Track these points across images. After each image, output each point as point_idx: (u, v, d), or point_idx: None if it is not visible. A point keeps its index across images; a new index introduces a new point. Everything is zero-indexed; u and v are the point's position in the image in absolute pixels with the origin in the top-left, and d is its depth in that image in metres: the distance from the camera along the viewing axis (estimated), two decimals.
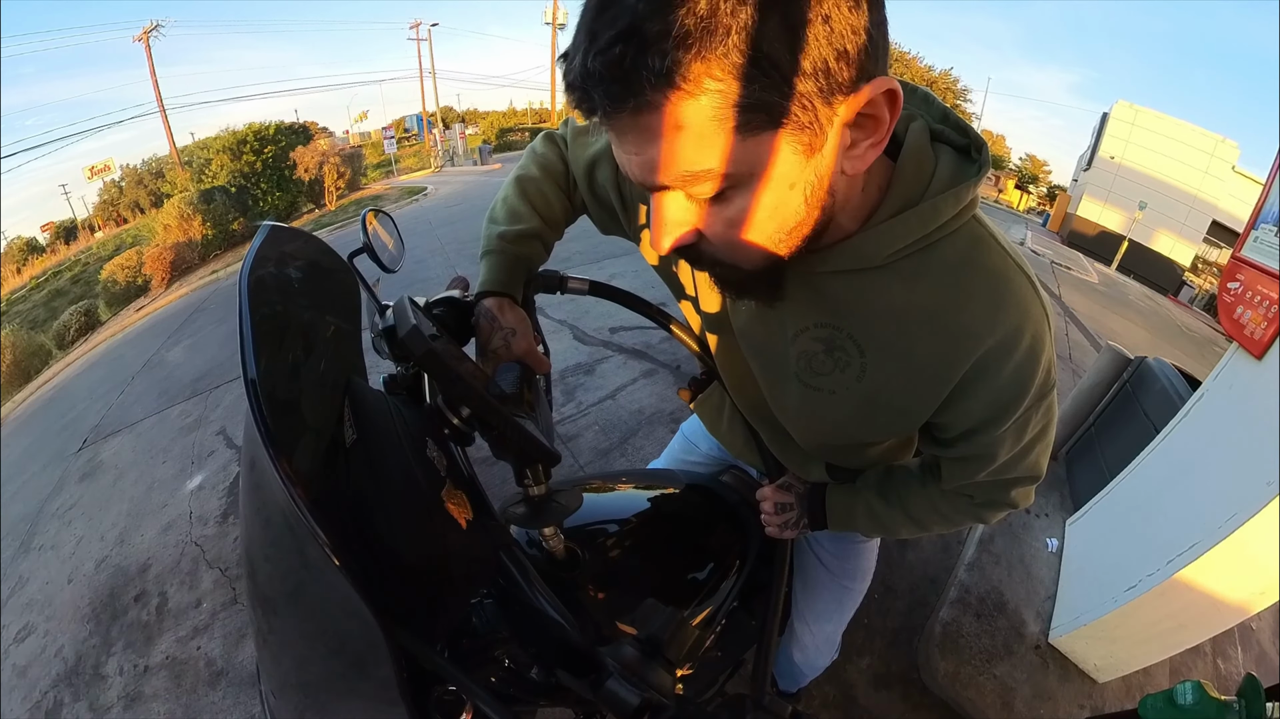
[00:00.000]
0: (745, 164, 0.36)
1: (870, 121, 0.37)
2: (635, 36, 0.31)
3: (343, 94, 63.76)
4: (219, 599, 1.93)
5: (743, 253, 0.43)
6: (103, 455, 3.48)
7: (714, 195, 0.38)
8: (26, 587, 2.41)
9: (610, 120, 0.35)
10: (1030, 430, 0.53)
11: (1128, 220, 15.35)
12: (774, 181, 0.37)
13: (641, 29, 0.30)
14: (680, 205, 0.40)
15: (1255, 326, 1.28)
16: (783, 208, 0.39)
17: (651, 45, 0.30)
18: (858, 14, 0.33)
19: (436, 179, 17.65)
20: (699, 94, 0.32)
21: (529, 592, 0.52)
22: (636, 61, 0.31)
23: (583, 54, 0.32)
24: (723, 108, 0.33)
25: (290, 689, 0.45)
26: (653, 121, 0.34)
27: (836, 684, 1.45)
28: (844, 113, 0.36)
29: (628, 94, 0.32)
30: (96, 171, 21.83)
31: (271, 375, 0.35)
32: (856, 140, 0.38)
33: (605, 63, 0.31)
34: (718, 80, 0.32)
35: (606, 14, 0.32)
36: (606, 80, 0.32)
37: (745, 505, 0.82)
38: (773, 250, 0.42)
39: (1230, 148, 15.15)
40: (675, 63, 0.31)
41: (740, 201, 0.38)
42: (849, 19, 0.32)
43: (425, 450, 0.49)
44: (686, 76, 0.31)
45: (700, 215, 0.41)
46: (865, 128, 0.38)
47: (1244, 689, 0.73)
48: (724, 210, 0.39)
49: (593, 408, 2.63)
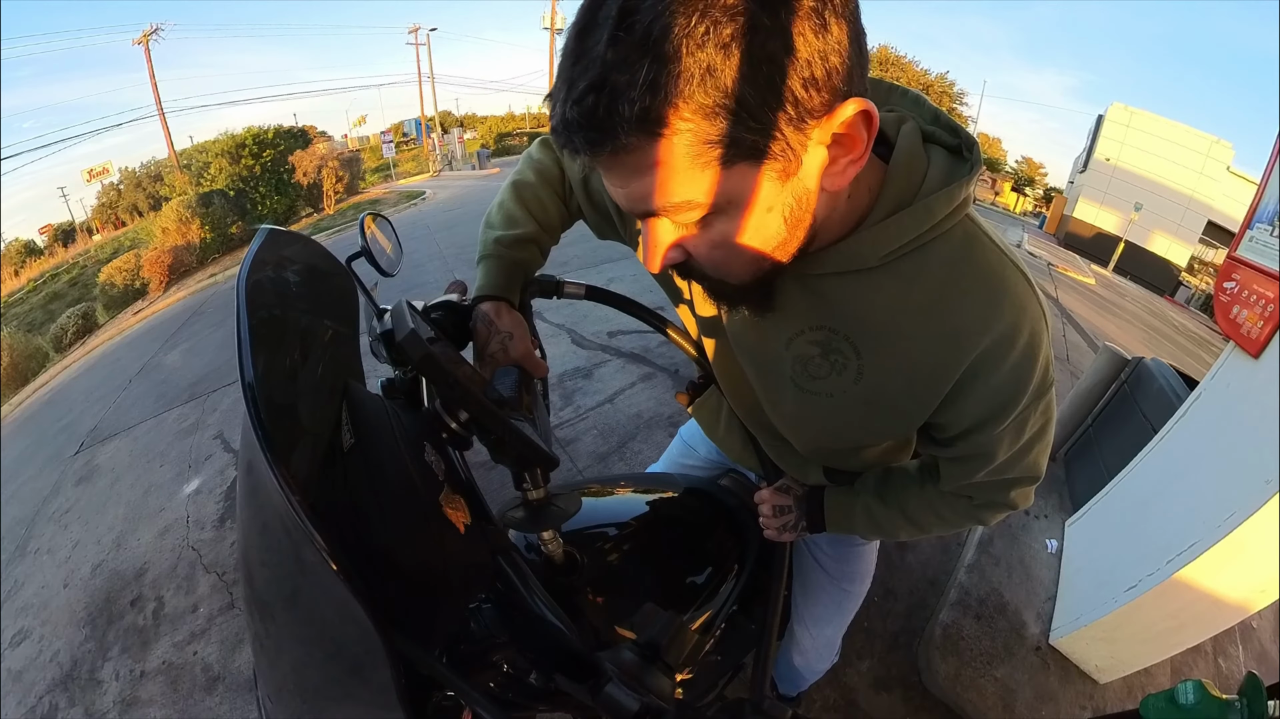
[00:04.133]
0: (723, 195, 0.38)
1: (847, 140, 0.38)
2: (605, 86, 0.32)
3: (341, 98, 63.72)
4: (216, 604, 1.92)
5: (728, 270, 0.45)
6: (99, 459, 3.46)
7: (697, 221, 0.40)
8: (22, 590, 2.39)
9: (593, 161, 0.37)
10: (1029, 430, 0.52)
11: (1124, 222, 15.42)
12: (752, 207, 0.39)
13: (610, 79, 0.32)
14: (667, 229, 0.42)
15: (1251, 326, 1.28)
16: (763, 229, 0.41)
17: (621, 94, 0.32)
18: (824, 38, 0.33)
19: (435, 183, 17.66)
20: (672, 135, 0.34)
21: (527, 596, 0.52)
22: (609, 110, 0.32)
23: (561, 102, 0.34)
24: (696, 145, 0.34)
25: (287, 694, 0.45)
26: (632, 161, 0.36)
27: (837, 688, 1.44)
28: (819, 135, 0.37)
29: (605, 139, 0.34)
30: (95, 174, 21.81)
31: (269, 379, 0.35)
32: (835, 158, 0.39)
33: (581, 112, 0.33)
34: (688, 121, 0.33)
35: (579, 64, 0.33)
36: (584, 127, 0.34)
37: (744, 509, 0.82)
38: (757, 267, 0.44)
39: (1225, 148, 15.25)
40: (645, 109, 0.32)
41: (722, 226, 0.40)
42: (815, 45, 0.33)
43: (423, 455, 0.48)
44: (659, 120, 0.33)
45: (686, 237, 0.43)
46: (843, 145, 0.38)
47: (1245, 688, 0.73)
48: (707, 234, 0.41)
49: (591, 412, 2.63)
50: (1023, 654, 1.54)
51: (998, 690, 1.44)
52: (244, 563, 0.43)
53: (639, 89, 0.32)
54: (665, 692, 0.44)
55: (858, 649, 1.53)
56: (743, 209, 0.39)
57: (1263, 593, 1.19)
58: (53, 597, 2.26)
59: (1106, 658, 1.48)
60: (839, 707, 1.42)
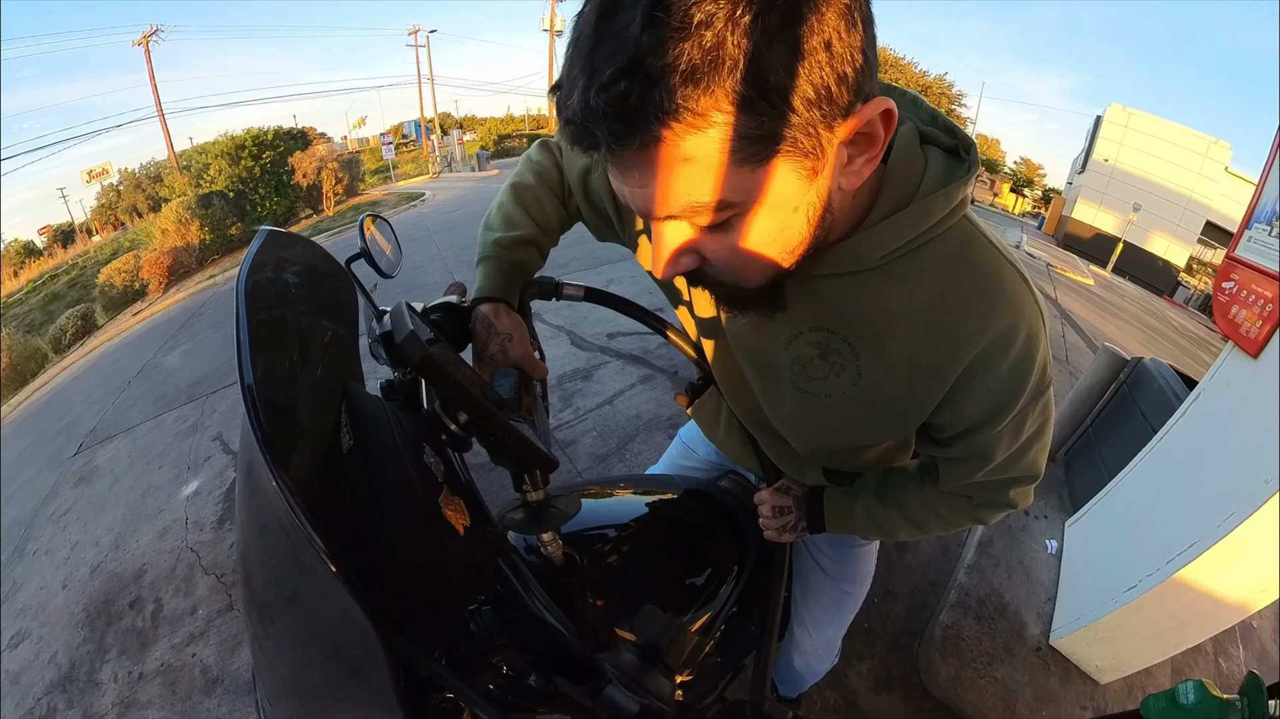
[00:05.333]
0: (750, 193, 0.36)
1: (866, 139, 0.38)
2: (640, 71, 0.29)
3: (341, 100, 63.88)
4: (215, 606, 1.92)
5: (745, 274, 0.43)
6: (98, 460, 3.46)
7: (718, 223, 0.38)
8: (20, 592, 2.38)
9: (614, 156, 0.34)
10: (1027, 429, 0.53)
11: (1122, 222, 15.44)
12: (779, 207, 0.37)
13: (645, 63, 0.29)
14: (682, 233, 0.39)
15: (1250, 325, 1.28)
16: (787, 230, 0.39)
17: (657, 80, 0.29)
18: (854, 35, 0.33)
19: (434, 185, 17.65)
20: (705, 128, 0.31)
21: (527, 598, 0.52)
22: (642, 97, 0.30)
23: (582, 90, 0.31)
24: (728, 140, 0.32)
25: (286, 696, 0.45)
26: (658, 156, 0.33)
27: (837, 689, 1.44)
28: (842, 133, 0.36)
29: (633, 131, 0.31)
30: (94, 175, 21.79)
31: (268, 380, 0.35)
32: (853, 157, 0.39)
33: (609, 99, 0.30)
34: (724, 113, 0.31)
35: (605, 47, 0.30)
36: (610, 117, 0.31)
37: (743, 510, 0.82)
38: (774, 270, 0.43)
39: (1223, 149, 15.28)
40: (682, 98, 0.30)
41: (744, 227, 0.38)
42: (848, 42, 0.32)
43: (423, 456, 0.48)
44: (694, 111, 0.30)
45: (703, 241, 0.40)
46: (861, 145, 0.38)
47: (1246, 687, 0.73)
48: (727, 236, 0.39)
49: (590, 413, 2.63)
50: (1023, 655, 1.54)
51: (998, 691, 1.44)
52: (243, 564, 0.42)
53: (678, 75, 0.29)
54: (665, 693, 0.44)
55: (858, 650, 1.53)
56: (769, 208, 0.37)
57: (1263, 592, 1.19)
58: (51, 598, 2.26)
59: (1107, 658, 1.48)
60: (839, 708, 1.41)
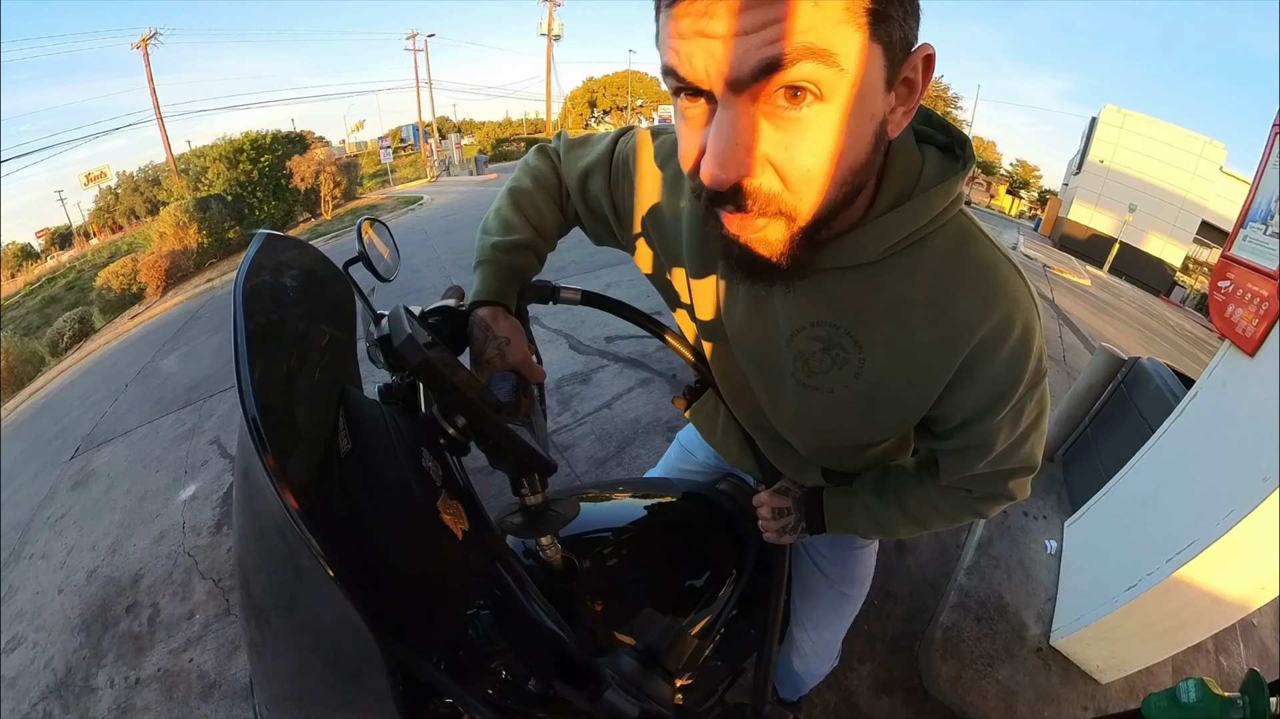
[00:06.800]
0: (855, 66, 0.34)
1: (906, 88, 0.39)
2: None
3: (339, 104, 63.99)
4: (212, 610, 1.91)
5: (803, 190, 0.38)
6: (95, 464, 3.45)
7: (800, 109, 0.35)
8: (16, 596, 2.37)
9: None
10: (1025, 419, 0.53)
11: (1118, 223, 15.51)
12: (864, 100, 0.36)
13: None
14: (752, 125, 0.36)
15: (1247, 324, 1.29)
16: (858, 142, 0.38)
17: None
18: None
19: (432, 189, 17.64)
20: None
21: (526, 602, 0.52)
22: None
23: None
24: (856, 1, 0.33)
25: (284, 702, 0.44)
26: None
27: (837, 691, 1.44)
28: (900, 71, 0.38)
29: None
30: (93, 178, 21.78)
31: (266, 384, 0.35)
32: (895, 106, 0.40)
33: None
34: None
35: None
36: None
37: (742, 513, 0.82)
38: (832, 194, 0.39)
39: (1217, 149, 15.37)
40: None
41: (826, 121, 0.36)
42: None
43: (420, 460, 0.48)
44: None
45: (770, 140, 0.37)
46: (901, 95, 0.39)
47: (1247, 685, 0.73)
48: (804, 134, 0.36)
49: (589, 417, 2.63)
50: (1023, 655, 1.54)
51: (999, 692, 1.44)
52: (240, 569, 0.42)
53: None
54: (665, 697, 0.44)
55: (858, 653, 1.53)
56: (856, 98, 0.35)
57: (1263, 590, 1.19)
58: (47, 603, 2.25)
59: (1108, 658, 1.48)
60: (840, 710, 1.41)
